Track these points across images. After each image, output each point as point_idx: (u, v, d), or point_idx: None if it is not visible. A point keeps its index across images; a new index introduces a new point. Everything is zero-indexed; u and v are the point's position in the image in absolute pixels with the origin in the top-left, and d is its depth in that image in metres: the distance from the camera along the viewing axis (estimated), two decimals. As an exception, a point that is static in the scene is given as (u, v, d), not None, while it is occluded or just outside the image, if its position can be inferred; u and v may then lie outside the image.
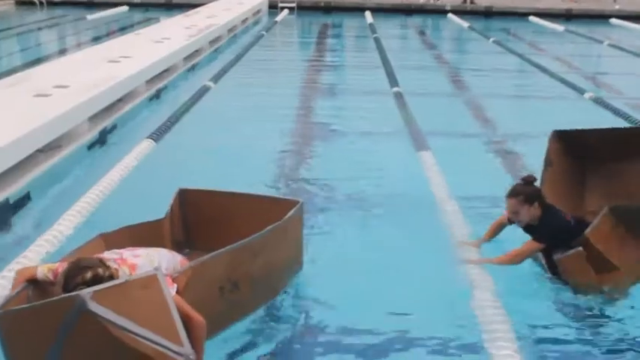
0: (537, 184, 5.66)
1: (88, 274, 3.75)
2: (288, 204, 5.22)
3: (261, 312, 4.86)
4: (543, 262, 5.47)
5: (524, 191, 5.41)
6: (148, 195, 7.01)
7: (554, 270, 5.36)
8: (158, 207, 5.35)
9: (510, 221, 5.67)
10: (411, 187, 7.58)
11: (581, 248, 5.09)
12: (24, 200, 7.03)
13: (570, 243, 5.20)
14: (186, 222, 5.43)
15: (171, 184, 5.82)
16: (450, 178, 7.64)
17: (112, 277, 3.80)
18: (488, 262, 5.49)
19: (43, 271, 4.22)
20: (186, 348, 3.69)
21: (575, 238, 5.18)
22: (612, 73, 16.88)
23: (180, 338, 3.69)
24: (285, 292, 5.13)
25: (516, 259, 5.40)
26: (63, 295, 3.67)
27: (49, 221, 6.23)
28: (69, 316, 3.55)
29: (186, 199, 5.43)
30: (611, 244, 5.05)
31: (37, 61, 15.23)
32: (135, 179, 7.65)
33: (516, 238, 5.64)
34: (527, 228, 5.51)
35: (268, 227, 4.76)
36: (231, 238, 4.68)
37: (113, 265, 3.99)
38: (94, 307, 3.53)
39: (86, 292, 3.55)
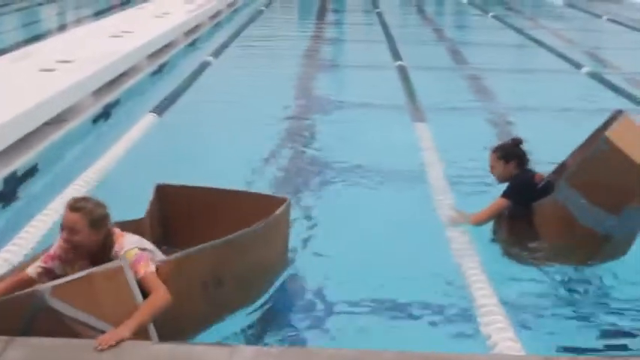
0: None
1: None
2: (275, 201, 4.95)
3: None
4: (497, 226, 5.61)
5: (504, 148, 5.61)
6: (150, 166, 7.19)
7: (500, 235, 5.54)
8: (160, 178, 5.27)
9: None
10: (406, 160, 7.69)
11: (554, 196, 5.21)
12: (32, 172, 7.21)
13: (532, 204, 5.35)
14: (165, 219, 5.05)
15: (172, 157, 5.82)
16: (446, 151, 7.78)
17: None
18: (463, 220, 5.68)
19: (34, 269, 4.06)
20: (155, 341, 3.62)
21: (537, 199, 5.34)
22: (610, 48, 16.98)
23: (148, 332, 3.63)
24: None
25: (483, 215, 5.59)
26: (23, 291, 3.63)
27: (55, 192, 6.40)
28: (29, 312, 3.52)
29: (165, 195, 5.06)
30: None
31: (39, 37, 15.34)
32: (139, 152, 7.83)
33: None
34: None
35: (256, 225, 4.57)
36: (214, 236, 4.43)
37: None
38: (54, 302, 3.50)
39: (45, 288, 3.53)
